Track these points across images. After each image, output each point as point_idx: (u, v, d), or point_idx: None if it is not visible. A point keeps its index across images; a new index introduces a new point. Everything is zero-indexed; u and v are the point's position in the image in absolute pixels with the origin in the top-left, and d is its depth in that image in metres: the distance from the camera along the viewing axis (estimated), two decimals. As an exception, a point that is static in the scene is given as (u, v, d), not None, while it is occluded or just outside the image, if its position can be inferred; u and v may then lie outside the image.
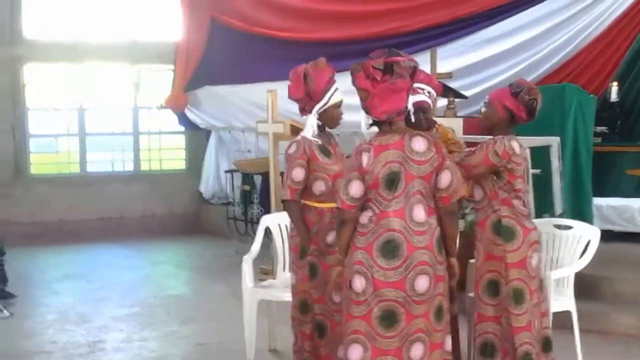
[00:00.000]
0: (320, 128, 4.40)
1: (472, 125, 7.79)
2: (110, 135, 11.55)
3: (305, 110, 4.40)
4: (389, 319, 3.57)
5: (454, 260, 3.74)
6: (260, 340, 5.36)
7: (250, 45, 10.35)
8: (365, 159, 3.65)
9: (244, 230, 9.39)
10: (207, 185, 11.14)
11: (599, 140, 8.01)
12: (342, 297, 3.78)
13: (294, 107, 9.48)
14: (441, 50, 8.07)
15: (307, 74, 4.34)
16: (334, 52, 9.33)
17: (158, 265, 9.12)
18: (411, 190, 3.61)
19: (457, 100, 7.72)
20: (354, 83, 3.67)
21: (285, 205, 4.47)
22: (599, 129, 8.11)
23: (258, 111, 9.28)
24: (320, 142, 4.34)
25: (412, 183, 3.61)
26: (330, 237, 4.23)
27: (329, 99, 4.33)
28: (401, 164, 3.61)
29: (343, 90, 4.45)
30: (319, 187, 4.34)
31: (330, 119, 4.38)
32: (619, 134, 8.48)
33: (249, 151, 10.08)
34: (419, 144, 3.63)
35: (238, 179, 9.70)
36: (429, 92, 4.23)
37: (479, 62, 9.07)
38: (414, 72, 3.65)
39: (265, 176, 8.21)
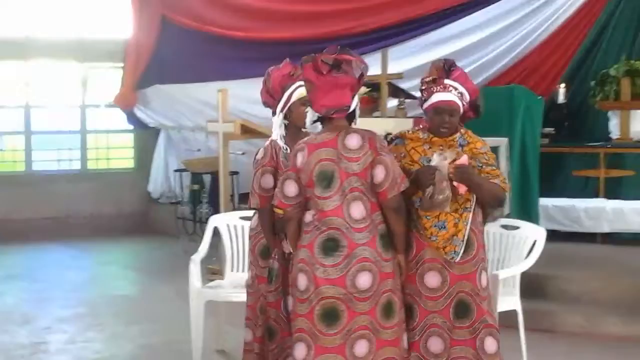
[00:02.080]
0: (294, 129, 4.18)
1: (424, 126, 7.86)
2: (57, 133, 11.35)
3: (273, 112, 4.29)
4: (329, 316, 3.55)
5: (400, 258, 3.71)
6: (208, 341, 5.28)
7: (201, 44, 10.28)
8: (299, 158, 3.65)
9: (193, 229, 9.31)
10: (156, 184, 11.01)
11: (546, 141, 8.13)
12: (291, 294, 3.77)
13: (245, 106, 9.55)
14: (393, 51, 8.11)
15: (267, 74, 4.27)
16: (287, 52, 9.14)
17: (105, 266, 8.98)
18: (347, 188, 3.59)
19: (407, 100, 7.77)
20: (302, 74, 3.67)
21: (257, 212, 4.32)
22: (547, 130, 8.22)
23: (208, 110, 9.22)
24: (287, 148, 4.11)
25: (348, 180, 3.59)
26: (285, 244, 4.12)
27: (290, 95, 4.16)
28: (334, 161, 3.59)
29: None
30: None
31: (297, 117, 4.12)
32: (566, 135, 8.59)
33: (199, 150, 10.01)
34: (353, 140, 3.60)
35: (187, 178, 9.62)
36: (460, 93, 3.87)
37: (428, 63, 9.09)
38: (362, 73, 3.64)
39: (215, 176, 8.15)
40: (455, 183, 3.71)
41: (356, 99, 3.70)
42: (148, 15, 10.76)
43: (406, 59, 8.52)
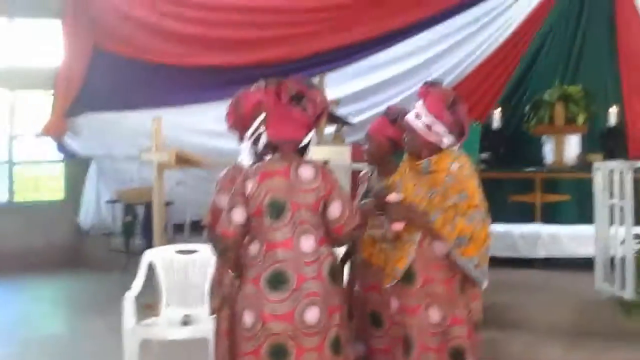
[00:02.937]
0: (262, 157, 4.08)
1: (360, 152, 7.82)
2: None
3: (241, 138, 4.18)
4: (278, 354, 3.43)
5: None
6: (143, 382, 5.08)
7: (134, 72, 10.12)
8: (249, 185, 3.53)
9: (126, 262, 9.06)
10: (87, 216, 10.72)
11: (483, 166, 8.14)
12: (236, 332, 3.62)
13: (181, 134, 9.37)
14: (330, 77, 8.07)
15: (238, 99, 4.15)
16: (223, 79, 9.26)
17: (35, 303, 8.65)
18: (297, 220, 3.49)
19: (344, 126, 7.73)
20: (263, 94, 3.61)
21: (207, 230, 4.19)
22: (483, 155, 8.23)
23: (141, 139, 9.02)
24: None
25: (299, 212, 3.49)
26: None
27: (260, 123, 4.02)
28: (286, 192, 3.49)
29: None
30: None
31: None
32: (502, 160, 8.63)
33: (132, 180, 9.78)
34: (306, 172, 3.52)
35: (120, 209, 9.38)
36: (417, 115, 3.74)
37: (365, 88, 9.18)
38: (322, 112, 3.58)
39: (149, 206, 7.95)
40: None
41: (311, 134, 3.61)
42: (79, 42, 10.54)
43: (343, 85, 8.51)
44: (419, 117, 3.71)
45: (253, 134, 4.06)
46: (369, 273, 3.98)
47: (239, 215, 3.53)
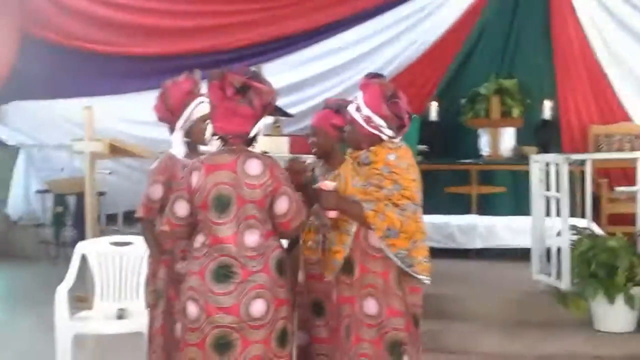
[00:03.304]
0: (193, 147, 4.03)
1: (299, 143, 7.76)
2: None
3: (172, 129, 4.06)
4: (222, 345, 3.37)
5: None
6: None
7: (65, 59, 9.90)
8: (195, 178, 3.44)
9: (56, 253, 8.83)
10: (16, 206, 10.38)
11: (420, 158, 8.15)
12: (180, 323, 3.53)
13: (112, 123, 9.17)
14: (266, 67, 7.99)
15: (165, 89, 4.03)
16: (156, 68, 9.11)
17: (-40, 295, 8.36)
18: (243, 215, 3.41)
19: (282, 118, 7.64)
20: (207, 88, 3.48)
21: (141, 222, 4.08)
22: (420, 147, 8.26)
23: (72, 128, 8.83)
24: (189, 161, 3.97)
25: (245, 207, 3.41)
26: (180, 266, 3.88)
27: (191, 112, 4.01)
28: (233, 186, 3.41)
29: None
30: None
31: (198, 134, 4.01)
32: (439, 152, 8.68)
33: (62, 170, 9.53)
34: (254, 166, 3.44)
35: (50, 199, 9.12)
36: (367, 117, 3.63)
37: (304, 79, 9.13)
38: (269, 103, 3.49)
39: (80, 197, 7.74)
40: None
41: (258, 125, 3.52)
42: (7, 28, 10.23)
43: (280, 75, 8.41)
44: (359, 110, 3.67)
45: (184, 123, 4.00)
46: (310, 262, 3.93)
47: (182, 209, 3.47)
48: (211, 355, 3.38)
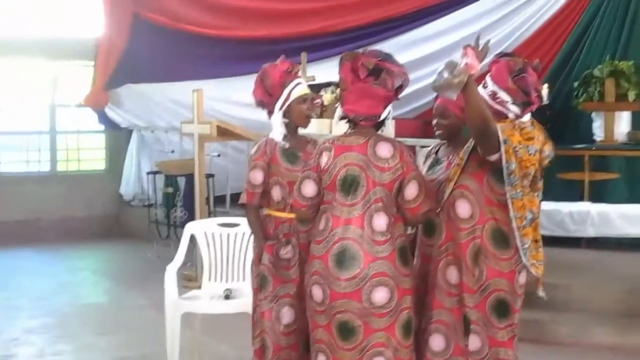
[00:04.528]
0: (293, 128, 4.04)
1: (404, 127, 7.68)
2: (26, 134, 11.00)
3: (270, 112, 4.07)
4: (345, 330, 3.38)
5: None
6: (184, 354, 5.02)
7: (176, 43, 10.10)
8: (325, 158, 3.46)
9: (166, 234, 9.04)
10: (128, 186, 10.73)
11: (530, 143, 7.93)
12: (307, 305, 3.56)
13: (221, 106, 9.29)
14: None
15: (264, 71, 4.04)
16: (263, 51, 9.14)
17: (75, 272, 8.67)
18: (372, 198, 3.38)
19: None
20: (339, 70, 3.46)
21: (244, 208, 4.13)
22: (531, 132, 8.02)
23: (183, 110, 9.01)
24: (287, 145, 3.98)
25: (374, 190, 3.38)
26: (284, 251, 3.91)
27: (289, 93, 3.98)
28: (362, 168, 3.39)
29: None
30: (276, 193, 4.00)
31: (297, 115, 4.00)
32: (550, 137, 8.39)
33: (173, 152, 9.76)
34: (384, 149, 3.40)
35: (161, 180, 9.34)
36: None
37: (408, 62, 8.99)
38: (401, 85, 3.45)
39: (190, 178, 7.89)
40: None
41: (389, 108, 3.49)
42: (120, 12, 10.55)
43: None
44: (485, 87, 3.57)
45: (283, 104, 3.99)
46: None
47: (310, 189, 3.50)
48: (337, 338, 3.40)
